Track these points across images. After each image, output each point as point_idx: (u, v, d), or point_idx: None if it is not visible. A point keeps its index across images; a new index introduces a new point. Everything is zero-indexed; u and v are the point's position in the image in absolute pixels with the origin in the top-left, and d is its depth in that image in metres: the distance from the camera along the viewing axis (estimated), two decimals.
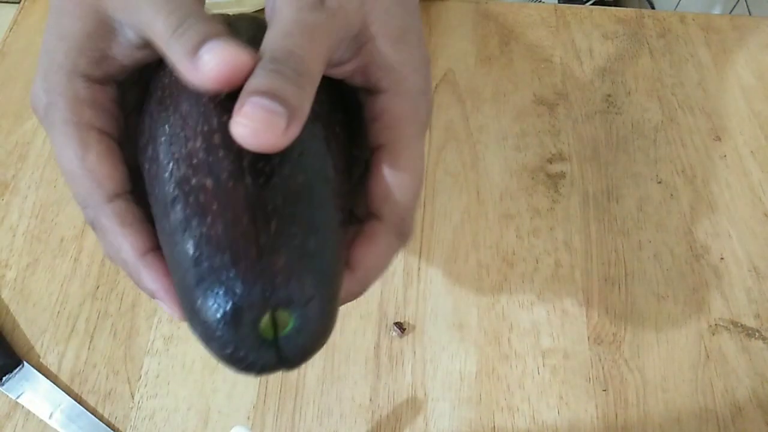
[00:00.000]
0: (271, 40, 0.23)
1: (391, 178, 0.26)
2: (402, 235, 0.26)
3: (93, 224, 0.25)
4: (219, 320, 0.21)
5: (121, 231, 0.24)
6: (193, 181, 0.22)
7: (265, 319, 0.21)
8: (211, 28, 0.22)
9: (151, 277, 0.24)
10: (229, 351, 0.22)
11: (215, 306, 0.21)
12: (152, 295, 0.25)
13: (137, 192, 0.26)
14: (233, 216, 0.22)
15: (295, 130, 0.21)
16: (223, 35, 0.22)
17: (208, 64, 0.21)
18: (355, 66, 0.26)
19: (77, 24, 0.24)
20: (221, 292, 0.21)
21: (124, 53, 0.25)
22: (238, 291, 0.21)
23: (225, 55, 0.21)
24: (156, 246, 0.24)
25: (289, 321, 0.22)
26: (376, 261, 0.26)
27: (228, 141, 0.22)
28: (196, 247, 0.22)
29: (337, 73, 0.26)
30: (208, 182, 0.22)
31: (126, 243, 0.24)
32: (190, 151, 0.23)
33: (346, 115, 0.28)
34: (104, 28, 0.25)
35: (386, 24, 0.25)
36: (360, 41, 0.25)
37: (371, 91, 0.26)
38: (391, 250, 0.26)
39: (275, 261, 0.21)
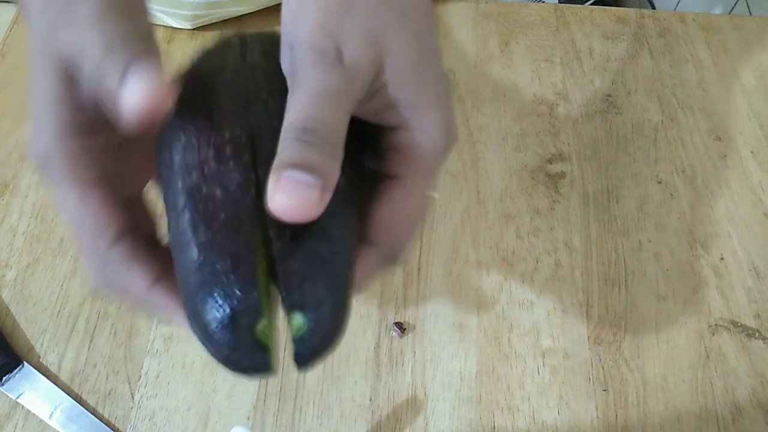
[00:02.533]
0: (299, 106, 0.23)
1: (396, 211, 0.26)
2: (390, 260, 0.27)
3: (98, 272, 0.26)
4: (216, 324, 0.22)
5: (126, 273, 0.25)
6: (204, 190, 0.23)
7: (264, 325, 0.22)
8: (134, 54, 0.23)
9: (161, 309, 0.25)
10: (224, 354, 0.22)
11: (213, 310, 0.22)
12: (168, 322, 0.25)
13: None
14: (239, 225, 0.22)
15: (328, 197, 0.22)
16: (143, 57, 0.22)
17: (130, 97, 0.22)
18: (368, 107, 0.26)
19: (47, 81, 0.25)
20: (219, 297, 0.22)
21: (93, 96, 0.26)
22: (236, 296, 0.22)
23: (144, 90, 0.22)
24: (161, 273, 0.25)
25: (303, 323, 0.22)
26: (363, 282, 0.27)
27: (238, 152, 0.24)
28: (200, 252, 0.23)
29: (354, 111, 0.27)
30: (218, 192, 0.23)
31: (133, 283, 0.25)
32: (202, 160, 0.24)
33: (359, 123, 0.28)
34: (67, 77, 0.25)
35: (401, 70, 0.25)
36: (374, 87, 0.25)
37: (387, 126, 0.27)
38: (377, 272, 0.27)
39: (289, 265, 0.22)
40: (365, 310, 0.46)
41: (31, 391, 0.43)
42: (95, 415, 0.42)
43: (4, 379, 0.43)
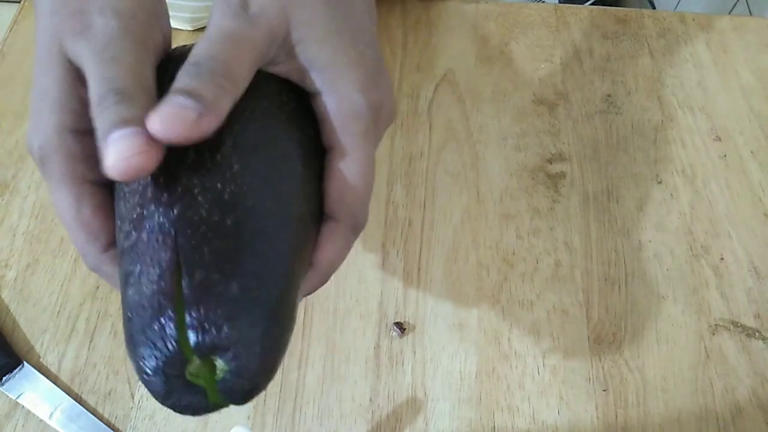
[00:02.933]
0: (197, 48, 0.24)
1: (342, 180, 0.27)
2: (356, 229, 0.28)
3: (94, 271, 0.26)
4: (146, 374, 0.22)
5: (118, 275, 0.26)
6: (133, 236, 0.23)
7: (195, 367, 0.22)
8: (124, 112, 0.22)
9: None
10: (160, 399, 0.23)
11: (142, 362, 0.22)
12: None
13: None
14: (159, 271, 0.22)
15: (209, 123, 0.22)
16: (131, 122, 0.21)
17: (109, 158, 0.21)
18: (288, 68, 0.26)
19: (53, 77, 0.25)
20: (147, 349, 0.22)
21: None
22: (157, 349, 0.22)
23: (125, 154, 0.21)
24: None
25: (223, 365, 0.22)
26: (335, 258, 0.27)
27: (158, 194, 0.23)
28: (129, 303, 0.23)
29: (277, 71, 0.27)
30: (143, 236, 0.23)
31: None
32: (132, 206, 0.23)
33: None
34: (75, 76, 0.24)
35: (311, 26, 0.26)
36: (288, 45, 0.26)
37: (311, 93, 0.27)
38: (348, 244, 0.28)
39: (196, 312, 0.22)
40: (365, 310, 0.46)
41: (31, 391, 0.43)
42: (95, 415, 0.42)
43: (4, 379, 0.43)
